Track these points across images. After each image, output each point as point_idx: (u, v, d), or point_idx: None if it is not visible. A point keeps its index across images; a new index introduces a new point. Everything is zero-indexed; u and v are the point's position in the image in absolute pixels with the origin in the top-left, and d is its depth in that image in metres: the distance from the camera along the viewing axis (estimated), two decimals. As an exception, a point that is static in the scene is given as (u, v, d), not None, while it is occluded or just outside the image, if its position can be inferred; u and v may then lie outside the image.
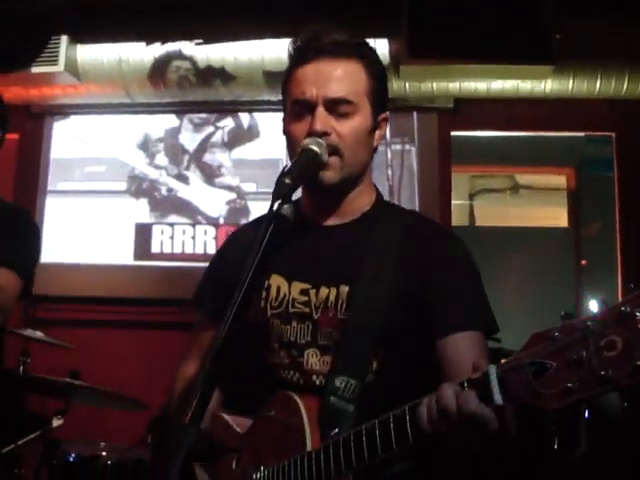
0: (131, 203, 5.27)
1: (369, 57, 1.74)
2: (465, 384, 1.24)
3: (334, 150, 1.65)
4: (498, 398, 1.17)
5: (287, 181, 1.50)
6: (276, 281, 1.73)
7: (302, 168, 1.58)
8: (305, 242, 1.75)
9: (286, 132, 1.74)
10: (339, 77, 1.67)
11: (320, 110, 1.65)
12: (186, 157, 5.28)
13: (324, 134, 1.64)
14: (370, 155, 1.77)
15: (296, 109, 1.70)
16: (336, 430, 1.48)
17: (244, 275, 1.38)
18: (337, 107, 1.66)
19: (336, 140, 1.65)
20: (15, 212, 2.47)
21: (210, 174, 5.25)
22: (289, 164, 1.57)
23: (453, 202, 5.13)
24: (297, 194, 1.60)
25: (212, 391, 1.29)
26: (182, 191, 5.24)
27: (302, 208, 1.79)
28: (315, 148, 1.61)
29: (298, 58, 1.72)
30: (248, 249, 1.45)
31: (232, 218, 5.13)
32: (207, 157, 5.27)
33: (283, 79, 1.77)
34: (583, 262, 5.38)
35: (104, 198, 5.30)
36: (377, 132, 1.76)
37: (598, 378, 1.06)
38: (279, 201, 1.47)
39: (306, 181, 1.63)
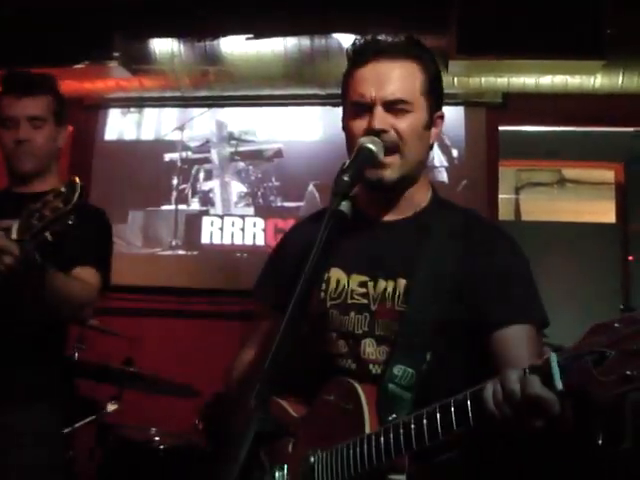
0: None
1: (425, 57, 1.78)
2: (527, 370, 1.29)
3: (393, 147, 1.69)
4: (559, 384, 1.22)
5: (345, 179, 1.53)
6: (335, 274, 1.78)
7: (359, 166, 1.61)
8: (363, 236, 1.79)
9: (345, 129, 1.79)
10: (396, 78, 1.72)
11: (378, 109, 1.70)
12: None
13: (382, 131, 1.68)
14: (427, 152, 1.82)
15: (355, 109, 1.75)
16: (394, 415, 1.54)
17: (305, 272, 1.42)
18: (394, 106, 1.71)
19: (395, 137, 1.69)
20: (91, 212, 2.57)
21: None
22: (347, 162, 1.61)
23: (499, 196, 5.13)
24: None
25: (277, 377, 1.34)
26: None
27: (359, 203, 1.81)
28: (371, 146, 1.65)
29: (357, 59, 1.77)
30: (308, 244, 1.50)
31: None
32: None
33: (343, 78, 1.81)
34: (630, 258, 5.33)
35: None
36: (433, 130, 1.80)
37: None
38: (338, 198, 1.51)
39: (364, 180, 1.66)
